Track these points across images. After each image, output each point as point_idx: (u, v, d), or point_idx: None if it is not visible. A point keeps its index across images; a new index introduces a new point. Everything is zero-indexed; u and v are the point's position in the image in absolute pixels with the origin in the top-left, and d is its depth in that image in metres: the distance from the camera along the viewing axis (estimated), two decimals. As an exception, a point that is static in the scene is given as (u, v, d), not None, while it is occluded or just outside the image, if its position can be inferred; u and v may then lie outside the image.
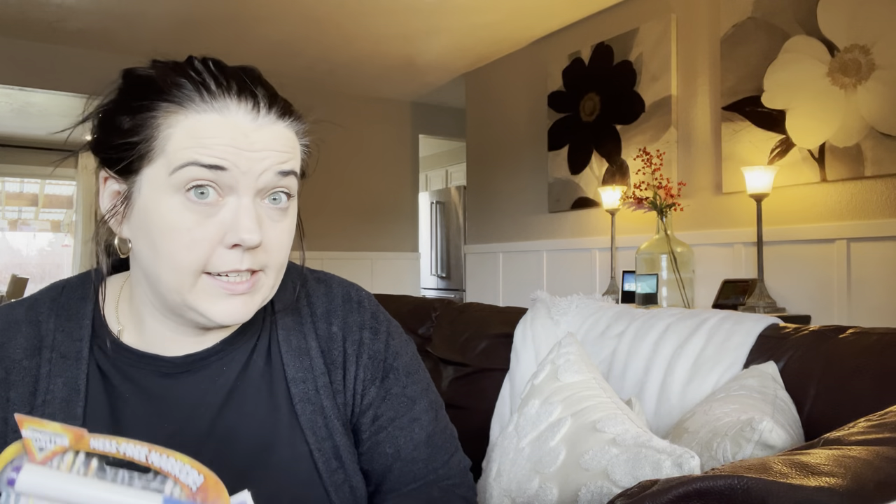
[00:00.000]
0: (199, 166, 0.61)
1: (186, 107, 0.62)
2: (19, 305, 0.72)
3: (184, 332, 0.70)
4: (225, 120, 0.62)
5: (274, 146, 0.64)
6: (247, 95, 0.64)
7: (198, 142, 0.61)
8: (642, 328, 1.24)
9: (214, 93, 0.62)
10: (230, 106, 0.63)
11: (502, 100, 4.25)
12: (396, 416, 0.78)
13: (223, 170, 0.61)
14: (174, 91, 0.62)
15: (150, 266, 0.65)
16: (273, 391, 0.73)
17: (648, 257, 2.75)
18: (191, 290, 0.63)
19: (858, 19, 2.35)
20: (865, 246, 2.37)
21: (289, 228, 0.68)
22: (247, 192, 0.63)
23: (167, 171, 0.61)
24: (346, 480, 0.73)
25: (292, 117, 0.68)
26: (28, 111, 5.50)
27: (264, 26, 3.69)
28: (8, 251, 8.21)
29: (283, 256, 0.68)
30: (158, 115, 0.62)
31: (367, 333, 0.79)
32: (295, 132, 0.69)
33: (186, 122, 0.62)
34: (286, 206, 0.67)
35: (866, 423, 0.61)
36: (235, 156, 0.62)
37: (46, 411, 0.65)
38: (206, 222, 0.62)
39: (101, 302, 0.73)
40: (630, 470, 0.82)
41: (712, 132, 2.91)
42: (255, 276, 0.65)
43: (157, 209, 0.62)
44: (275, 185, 0.65)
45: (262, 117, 0.64)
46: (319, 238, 4.72)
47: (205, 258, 0.62)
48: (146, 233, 0.63)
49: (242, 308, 0.65)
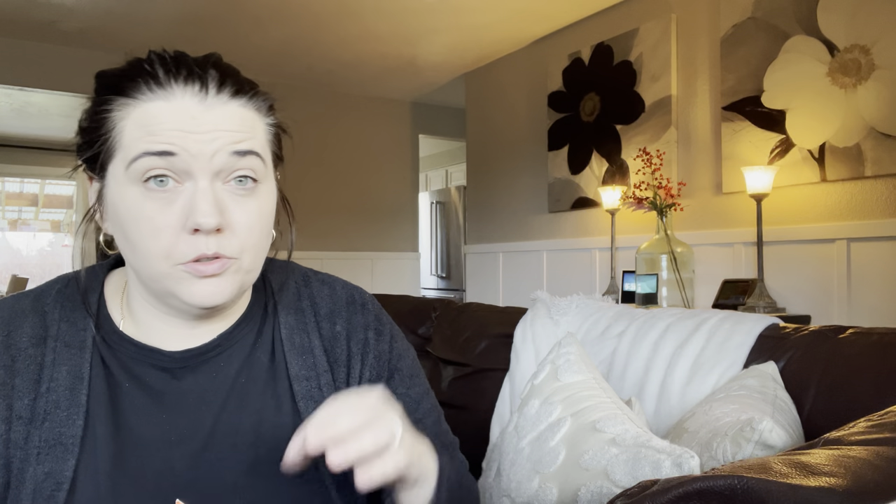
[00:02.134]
0: (150, 155, 0.61)
1: (137, 98, 0.63)
2: (25, 296, 0.73)
3: (176, 325, 0.71)
4: (170, 105, 0.62)
5: (225, 126, 0.63)
6: (194, 79, 0.63)
7: (146, 130, 0.62)
8: (642, 328, 1.24)
9: (161, 81, 0.62)
10: (176, 91, 0.62)
11: (502, 100, 4.25)
12: None
13: (173, 155, 0.61)
14: (126, 85, 0.63)
15: (130, 259, 0.66)
16: (276, 389, 0.73)
17: (648, 257, 2.75)
18: (166, 278, 0.64)
19: (858, 19, 2.35)
20: (865, 246, 2.37)
21: (258, 210, 0.66)
22: (203, 176, 0.62)
23: (125, 165, 0.63)
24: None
25: (248, 95, 0.66)
26: (28, 111, 5.50)
27: (264, 26, 3.69)
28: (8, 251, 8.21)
29: (254, 239, 0.66)
30: (114, 110, 0.63)
31: (371, 334, 0.80)
32: (257, 110, 0.67)
33: (136, 113, 0.62)
34: (253, 187, 0.66)
35: (866, 423, 0.61)
36: (183, 139, 0.61)
37: (50, 398, 0.66)
38: (166, 210, 0.62)
39: (106, 294, 0.74)
40: (630, 470, 0.82)
41: (712, 132, 2.91)
42: (226, 259, 0.64)
43: (122, 202, 0.63)
44: (233, 167, 0.64)
45: (212, 98, 0.63)
46: (319, 238, 4.72)
47: (170, 245, 0.62)
48: (120, 227, 0.65)
49: (215, 289, 0.64)
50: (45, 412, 0.65)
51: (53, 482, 0.63)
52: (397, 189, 5.23)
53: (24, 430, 0.65)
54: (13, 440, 0.64)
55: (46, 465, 0.63)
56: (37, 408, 0.65)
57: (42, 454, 0.64)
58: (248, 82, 0.68)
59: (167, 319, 0.70)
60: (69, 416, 0.65)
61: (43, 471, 0.63)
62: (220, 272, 0.64)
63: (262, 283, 0.79)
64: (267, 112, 0.69)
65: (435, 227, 5.72)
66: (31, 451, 0.64)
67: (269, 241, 0.70)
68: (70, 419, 0.65)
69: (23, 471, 0.63)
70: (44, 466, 0.63)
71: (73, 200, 7.73)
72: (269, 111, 0.70)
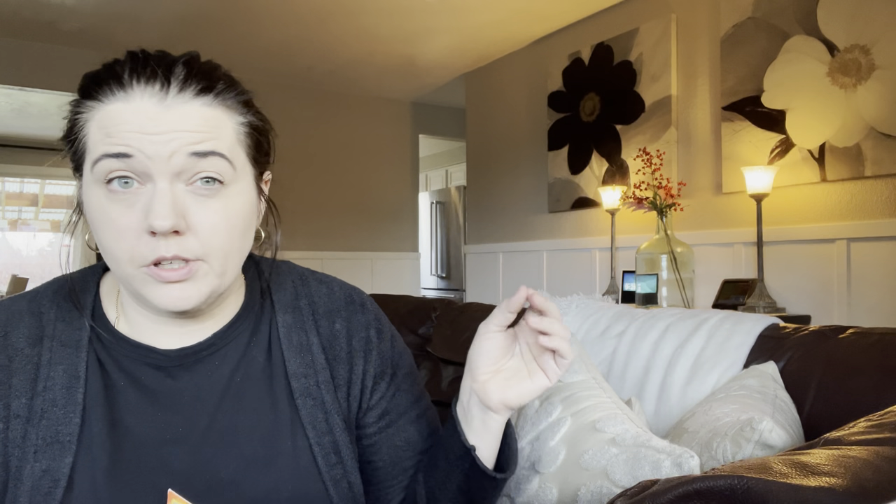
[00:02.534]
0: (108, 157, 0.61)
1: (101, 100, 0.63)
2: (22, 298, 0.73)
3: (166, 324, 0.71)
4: (129, 106, 0.62)
5: (183, 126, 0.62)
6: (155, 78, 0.62)
7: (106, 132, 0.62)
8: (642, 328, 1.24)
9: (124, 82, 0.62)
10: (136, 91, 0.62)
11: (502, 100, 4.25)
12: (405, 411, 0.81)
13: (130, 157, 0.61)
14: (93, 87, 0.63)
15: (106, 260, 0.66)
16: (273, 386, 0.73)
17: (648, 257, 2.74)
18: (133, 280, 0.64)
19: (858, 19, 2.35)
20: (865, 246, 2.37)
21: (223, 211, 0.64)
22: (162, 177, 0.61)
23: (90, 167, 0.63)
24: (345, 476, 0.73)
25: (213, 93, 0.64)
26: (28, 111, 5.50)
27: (264, 27, 3.69)
28: (8, 251, 8.21)
29: (219, 241, 0.64)
30: (83, 113, 0.64)
31: (373, 332, 0.80)
32: (226, 108, 0.65)
33: (98, 115, 0.63)
34: (218, 188, 0.64)
35: (866, 423, 0.61)
36: (139, 141, 0.61)
37: (47, 397, 0.66)
38: (128, 212, 0.62)
39: (101, 293, 0.74)
40: (629, 470, 0.82)
41: (712, 132, 2.91)
42: (191, 264, 0.63)
43: (91, 205, 0.64)
44: (194, 169, 0.62)
45: (172, 98, 0.62)
46: (319, 238, 4.72)
47: (131, 248, 0.62)
48: (93, 229, 0.65)
49: (181, 294, 0.64)
50: (42, 410, 0.65)
51: (51, 479, 0.63)
52: (397, 189, 5.22)
53: (21, 428, 0.65)
54: (11, 438, 0.65)
55: (44, 462, 0.64)
56: (34, 406, 0.66)
57: (39, 452, 0.64)
58: (223, 79, 0.66)
59: (155, 318, 0.71)
60: (66, 414, 0.66)
61: (40, 468, 0.63)
62: (186, 278, 0.63)
63: (257, 281, 0.79)
64: (241, 110, 0.67)
65: (435, 227, 5.72)
66: (28, 448, 0.64)
67: (244, 243, 0.69)
68: (67, 417, 0.66)
69: (20, 468, 0.64)
70: (41, 464, 0.64)
71: (73, 200, 7.73)
72: (244, 109, 0.68)
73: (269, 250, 0.77)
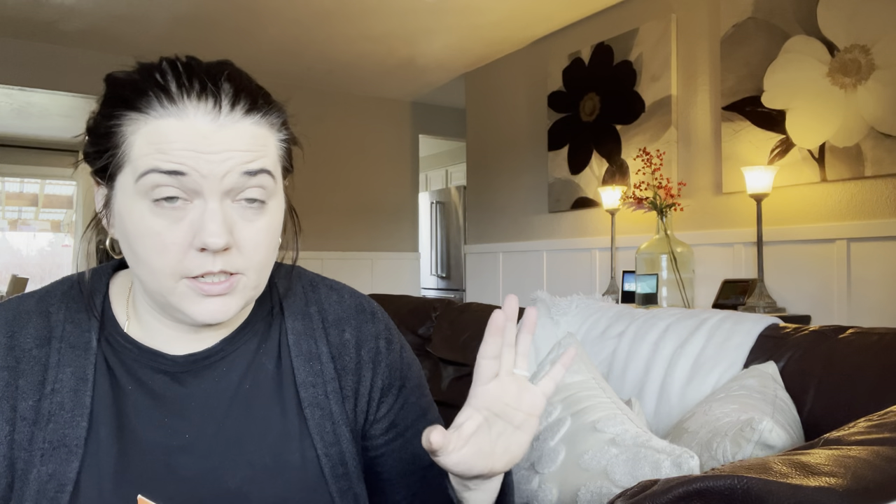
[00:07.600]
0: (159, 173, 0.60)
1: (148, 113, 0.61)
2: (30, 297, 0.72)
3: (180, 329, 0.70)
4: (183, 124, 0.61)
5: (237, 146, 0.62)
6: (207, 95, 0.62)
7: (157, 148, 0.61)
8: (642, 328, 1.24)
9: (174, 96, 0.61)
10: (189, 108, 0.61)
11: (502, 100, 4.25)
12: (413, 424, 0.79)
13: (184, 175, 0.60)
14: (137, 98, 0.62)
15: (135, 269, 0.65)
16: (282, 395, 0.73)
17: (648, 257, 2.74)
18: (171, 293, 0.63)
19: (858, 19, 2.35)
20: (865, 246, 2.37)
21: (266, 228, 0.66)
22: (212, 196, 0.62)
23: (133, 179, 0.62)
24: (351, 488, 0.73)
25: (261, 112, 0.65)
26: (28, 111, 5.50)
27: (265, 26, 3.69)
28: (8, 251, 8.21)
29: (260, 256, 0.66)
30: (123, 124, 0.62)
31: (382, 343, 0.79)
32: (270, 126, 0.66)
33: (146, 129, 0.61)
34: (261, 206, 0.65)
35: (866, 423, 0.61)
36: (194, 160, 0.60)
37: (55, 399, 0.66)
38: (174, 227, 0.61)
39: (111, 295, 0.73)
40: (629, 470, 0.82)
41: (712, 132, 2.91)
42: (233, 277, 0.64)
43: (129, 215, 0.63)
44: (243, 186, 0.63)
45: (224, 117, 0.62)
46: (319, 238, 4.72)
47: (177, 262, 0.62)
48: (125, 238, 0.64)
49: (222, 307, 0.64)
50: (49, 413, 0.65)
51: (57, 483, 0.63)
52: (397, 189, 5.22)
53: (28, 431, 0.65)
54: (17, 441, 0.64)
55: (50, 466, 0.63)
56: (41, 409, 0.65)
57: (46, 455, 0.64)
58: (263, 95, 0.67)
59: (170, 324, 0.70)
60: (73, 418, 0.65)
61: (46, 472, 0.63)
62: (227, 292, 0.64)
63: (267, 287, 0.78)
64: (280, 127, 0.68)
65: (435, 227, 5.72)
66: (35, 452, 0.64)
67: (275, 255, 0.70)
68: (74, 421, 0.65)
69: (27, 472, 0.63)
70: (47, 468, 0.63)
71: (73, 200, 7.73)
72: (283, 126, 0.69)
73: (283, 257, 0.77)
